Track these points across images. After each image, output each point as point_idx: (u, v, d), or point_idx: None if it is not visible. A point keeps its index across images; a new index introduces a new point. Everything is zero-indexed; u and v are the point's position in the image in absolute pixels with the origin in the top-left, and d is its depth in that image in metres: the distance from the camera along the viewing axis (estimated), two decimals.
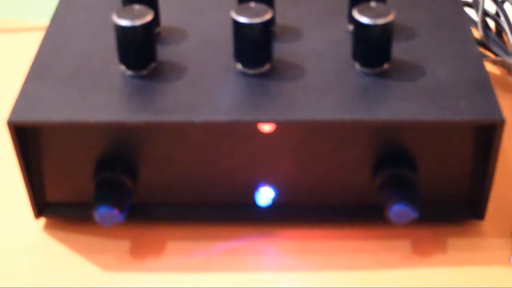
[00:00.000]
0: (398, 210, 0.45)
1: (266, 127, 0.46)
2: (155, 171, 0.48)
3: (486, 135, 0.45)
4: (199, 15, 0.53)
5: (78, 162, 0.48)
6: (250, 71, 0.48)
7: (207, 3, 0.54)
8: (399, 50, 0.49)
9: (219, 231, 0.50)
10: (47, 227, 0.50)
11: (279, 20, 0.52)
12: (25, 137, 0.46)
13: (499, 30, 0.62)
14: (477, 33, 0.61)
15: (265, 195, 0.49)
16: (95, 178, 0.48)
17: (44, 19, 0.71)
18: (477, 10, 0.62)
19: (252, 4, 0.47)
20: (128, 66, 0.48)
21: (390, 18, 0.46)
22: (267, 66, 0.48)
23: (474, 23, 0.62)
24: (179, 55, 0.50)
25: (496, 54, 0.59)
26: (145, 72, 0.48)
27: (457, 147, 0.46)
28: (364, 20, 0.46)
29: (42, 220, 0.51)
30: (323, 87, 0.47)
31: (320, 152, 0.47)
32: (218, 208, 0.50)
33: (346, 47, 0.49)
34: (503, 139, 0.45)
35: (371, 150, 0.47)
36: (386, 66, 0.48)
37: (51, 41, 0.51)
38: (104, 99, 0.46)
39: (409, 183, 0.46)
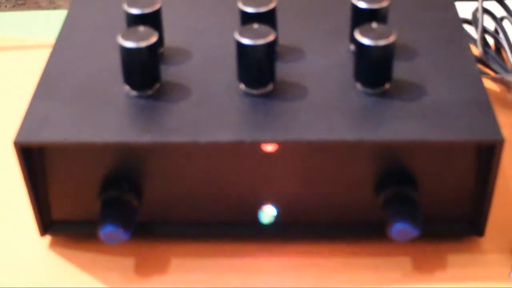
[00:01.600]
0: (399, 228, 0.46)
1: (269, 147, 0.46)
2: (160, 190, 0.49)
3: (486, 154, 0.46)
4: (202, 35, 0.54)
5: (84, 180, 0.48)
6: (254, 92, 0.48)
7: (210, 24, 0.55)
8: (400, 69, 0.50)
9: (222, 248, 0.50)
10: (53, 244, 0.51)
11: (281, 40, 0.53)
12: (32, 156, 0.47)
13: (498, 47, 0.63)
14: (476, 50, 0.62)
15: (267, 213, 0.49)
16: (100, 197, 0.48)
17: (49, 36, 0.72)
18: (476, 28, 0.63)
19: (255, 26, 0.48)
20: (133, 87, 0.49)
21: (391, 39, 0.47)
22: (270, 87, 0.49)
23: (473, 40, 0.63)
24: (183, 75, 0.50)
25: (495, 72, 0.60)
26: (149, 92, 0.49)
27: (458, 166, 0.47)
28: (365, 41, 0.47)
29: (48, 238, 0.51)
30: (326, 107, 0.47)
31: (323, 171, 0.48)
32: (222, 225, 0.50)
33: (347, 67, 0.50)
34: (503, 157, 0.46)
35: (373, 168, 0.47)
36: (387, 86, 0.48)
37: (57, 60, 0.52)
38: (110, 119, 0.47)
39: (411, 201, 0.47)
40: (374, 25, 0.48)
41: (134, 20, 0.50)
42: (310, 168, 0.48)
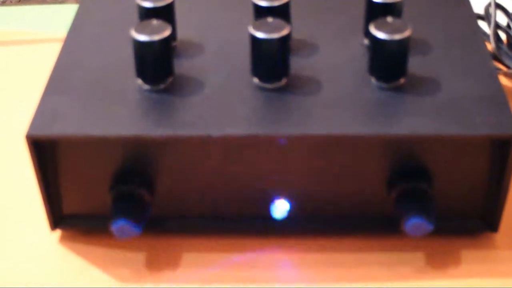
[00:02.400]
0: (414, 223, 0.46)
1: (283, 141, 0.46)
2: (172, 184, 0.48)
3: (502, 149, 0.46)
4: (216, 29, 0.54)
5: (96, 175, 0.48)
6: (267, 86, 0.48)
7: (223, 17, 0.55)
8: (415, 64, 0.49)
9: (235, 243, 0.50)
10: (63, 239, 0.51)
11: (295, 34, 0.52)
12: (43, 150, 0.47)
13: (511, 42, 0.62)
14: (489, 46, 0.62)
15: (280, 208, 0.49)
16: (112, 191, 0.48)
17: (55, 30, 0.72)
18: (488, 23, 0.62)
19: (270, 19, 0.48)
20: (146, 81, 0.48)
21: (406, 33, 0.47)
22: (284, 81, 0.48)
23: (486, 36, 0.62)
24: (196, 69, 0.50)
25: (508, 67, 0.60)
26: (162, 86, 0.48)
27: (473, 161, 0.47)
28: (380, 35, 0.46)
29: (58, 232, 0.51)
30: (340, 102, 0.47)
31: (336, 165, 0.47)
32: (234, 220, 0.50)
33: (362, 61, 0.50)
34: None
35: (387, 163, 0.47)
36: (402, 80, 0.48)
37: (69, 54, 0.52)
38: (122, 113, 0.47)
39: (425, 196, 0.47)
40: (389, 19, 0.48)
41: (146, 14, 0.50)
42: (324, 163, 0.47)
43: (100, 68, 0.50)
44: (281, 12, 0.50)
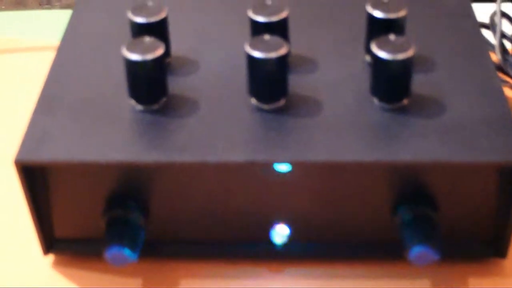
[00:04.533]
0: (419, 252, 0.44)
1: (282, 167, 0.44)
2: (168, 209, 0.47)
3: (509, 175, 0.44)
4: (211, 45, 0.52)
5: (88, 199, 0.46)
6: (265, 107, 0.46)
7: (219, 32, 0.53)
8: (418, 83, 0.47)
9: (233, 269, 0.48)
10: (56, 263, 0.49)
11: (294, 50, 0.50)
12: (33, 174, 0.45)
13: None
14: (494, 57, 0.60)
15: (280, 233, 0.47)
16: (105, 216, 0.46)
17: (48, 37, 0.70)
18: (494, 32, 0.60)
19: (267, 37, 0.46)
20: (139, 101, 0.46)
21: (410, 53, 0.45)
22: (282, 101, 0.46)
23: (491, 46, 0.60)
24: (191, 88, 0.48)
25: None
26: (156, 106, 0.47)
27: (480, 186, 0.45)
28: (383, 55, 0.45)
29: (51, 257, 0.49)
30: (341, 124, 0.45)
31: (338, 190, 0.45)
32: (233, 245, 0.48)
33: (363, 79, 0.48)
34: None
35: (390, 188, 0.45)
36: (405, 101, 0.46)
37: (59, 72, 0.50)
38: (114, 136, 0.45)
39: (430, 223, 0.45)
40: (392, 37, 0.46)
41: (139, 29, 0.48)
42: (325, 188, 0.45)
43: (91, 87, 0.48)
44: (279, 28, 0.48)
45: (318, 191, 0.46)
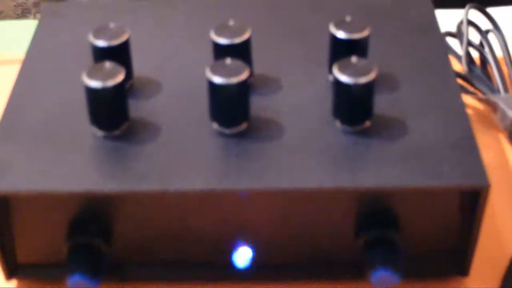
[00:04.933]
0: (380, 276, 0.44)
1: (243, 194, 0.44)
2: (130, 233, 0.46)
3: (471, 197, 0.44)
4: (174, 66, 0.51)
5: (50, 225, 0.46)
6: (227, 131, 0.46)
7: (182, 52, 0.52)
8: (381, 103, 0.47)
9: None
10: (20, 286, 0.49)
11: (256, 68, 0.50)
12: None
13: (483, 61, 0.60)
14: (460, 67, 0.60)
15: (243, 256, 0.47)
16: (67, 242, 0.46)
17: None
18: (460, 41, 0.60)
19: (228, 61, 0.45)
20: (100, 127, 0.46)
21: (371, 76, 0.44)
22: (244, 125, 0.46)
23: (457, 56, 0.60)
24: (152, 111, 0.48)
25: (480, 90, 0.58)
26: (117, 132, 0.46)
27: (442, 208, 0.45)
28: (344, 79, 0.44)
29: (14, 282, 0.49)
30: (303, 148, 0.45)
31: (300, 215, 0.45)
32: (195, 268, 0.48)
33: (326, 99, 0.48)
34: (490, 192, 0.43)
35: (353, 212, 0.45)
36: (368, 123, 0.46)
37: (20, 95, 0.49)
38: (76, 164, 0.44)
39: (392, 246, 0.45)
40: (354, 59, 0.45)
41: (100, 53, 0.48)
42: (287, 213, 0.45)
43: (52, 111, 0.48)
44: (242, 50, 0.48)
45: (280, 215, 0.45)
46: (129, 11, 0.56)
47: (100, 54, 0.48)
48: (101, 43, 0.47)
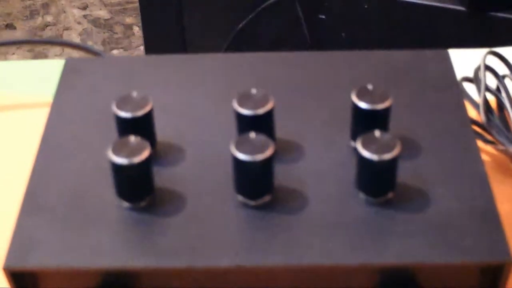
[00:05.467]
0: None
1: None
2: None
3: (494, 269, 0.45)
4: (196, 129, 0.51)
5: None
6: (252, 203, 0.46)
7: (203, 115, 0.52)
8: (403, 170, 0.47)
9: None
10: None
11: (278, 133, 0.50)
12: (22, 277, 0.45)
13: (500, 106, 0.61)
14: (476, 113, 0.60)
15: None
16: None
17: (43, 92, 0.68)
18: (478, 87, 0.61)
19: (253, 135, 0.46)
20: (125, 199, 0.47)
21: (395, 152, 0.45)
22: (268, 197, 0.47)
23: (473, 102, 0.60)
24: (176, 180, 0.48)
25: (498, 141, 0.58)
26: (143, 204, 0.47)
27: (464, 279, 0.46)
28: (368, 155, 0.45)
29: None
30: (327, 222, 0.45)
31: (324, 283, 0.46)
32: None
33: (349, 167, 0.48)
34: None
35: (375, 281, 0.46)
36: (391, 194, 0.47)
37: (43, 167, 0.49)
38: (102, 238, 0.45)
39: None
40: (377, 133, 0.46)
41: (124, 123, 0.48)
42: (311, 283, 0.46)
43: (77, 184, 0.48)
44: (265, 120, 0.48)
45: (304, 284, 0.46)
46: (152, 68, 0.56)
47: (124, 125, 0.48)
48: (125, 114, 0.48)
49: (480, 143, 0.59)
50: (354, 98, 0.48)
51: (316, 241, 0.45)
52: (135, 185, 0.46)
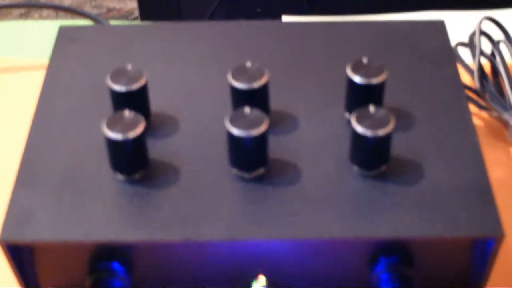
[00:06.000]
0: None
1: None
2: (153, 267, 0.48)
3: (484, 244, 0.45)
4: (190, 100, 0.51)
5: (72, 263, 0.47)
6: (246, 175, 0.47)
7: (198, 86, 0.52)
8: (397, 142, 0.48)
9: None
10: None
11: (273, 105, 0.50)
12: (18, 248, 0.45)
13: (495, 71, 0.60)
14: (469, 80, 0.60)
15: (260, 283, 0.48)
16: (90, 277, 0.47)
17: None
18: (472, 53, 0.60)
19: (247, 110, 0.46)
20: (120, 172, 0.47)
21: (390, 127, 0.45)
22: (262, 170, 0.47)
23: (468, 68, 0.60)
24: (171, 152, 0.48)
25: (492, 107, 0.58)
26: (137, 176, 0.47)
27: (456, 250, 0.46)
28: (363, 131, 0.45)
29: None
30: (321, 195, 0.46)
31: (317, 258, 0.47)
32: None
33: (343, 140, 0.48)
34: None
35: (369, 251, 0.46)
36: (384, 168, 0.47)
37: (37, 140, 0.49)
38: (97, 212, 0.45)
39: (407, 283, 0.46)
40: (372, 108, 0.46)
41: (119, 97, 0.48)
42: (304, 255, 0.46)
43: (71, 155, 0.48)
44: (260, 94, 0.48)
45: (298, 255, 0.47)
46: (148, 37, 0.56)
47: (119, 98, 0.48)
48: (119, 88, 0.48)
49: (473, 109, 0.59)
50: (349, 72, 0.48)
51: (310, 214, 0.45)
52: (129, 159, 0.46)
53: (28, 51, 0.69)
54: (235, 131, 0.45)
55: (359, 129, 0.45)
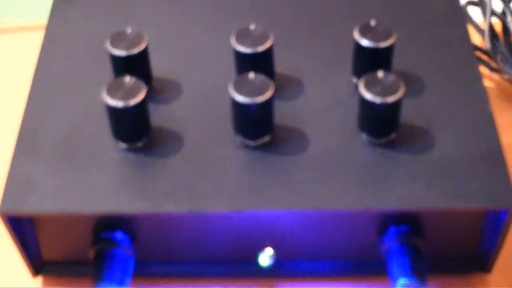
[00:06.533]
0: (404, 284, 0.44)
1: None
2: (157, 239, 0.47)
3: (497, 213, 0.44)
4: (193, 64, 0.50)
5: (75, 234, 0.46)
6: (251, 143, 0.45)
7: (200, 49, 0.51)
8: (407, 109, 0.46)
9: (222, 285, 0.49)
10: (46, 283, 0.49)
11: (279, 68, 0.49)
12: (19, 219, 0.44)
13: (506, 31, 0.59)
14: (480, 40, 0.58)
15: (267, 255, 0.47)
16: (93, 248, 0.46)
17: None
18: (483, 11, 0.58)
19: (252, 76, 0.44)
20: (122, 140, 0.45)
21: (399, 94, 0.44)
22: (267, 137, 0.45)
23: (478, 28, 0.59)
24: (173, 118, 0.47)
25: (503, 69, 0.56)
26: (139, 144, 0.46)
27: (467, 221, 0.45)
28: (371, 97, 0.43)
29: (40, 279, 0.50)
30: (328, 164, 0.44)
31: (326, 226, 0.45)
32: (219, 264, 0.48)
33: (350, 105, 0.47)
34: None
35: (378, 223, 0.45)
36: (393, 135, 0.45)
37: (36, 107, 0.48)
38: (99, 182, 0.44)
39: (417, 253, 0.45)
40: (380, 74, 0.44)
41: (119, 62, 0.46)
42: (313, 225, 0.45)
43: (71, 123, 0.47)
44: (264, 58, 0.46)
45: (306, 226, 0.46)
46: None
47: (119, 63, 0.46)
48: (119, 52, 0.46)
49: (484, 71, 0.58)
50: (357, 35, 0.46)
51: (317, 185, 0.44)
52: (131, 126, 0.45)
53: (27, 12, 0.67)
54: (240, 98, 0.43)
55: (368, 96, 0.44)
